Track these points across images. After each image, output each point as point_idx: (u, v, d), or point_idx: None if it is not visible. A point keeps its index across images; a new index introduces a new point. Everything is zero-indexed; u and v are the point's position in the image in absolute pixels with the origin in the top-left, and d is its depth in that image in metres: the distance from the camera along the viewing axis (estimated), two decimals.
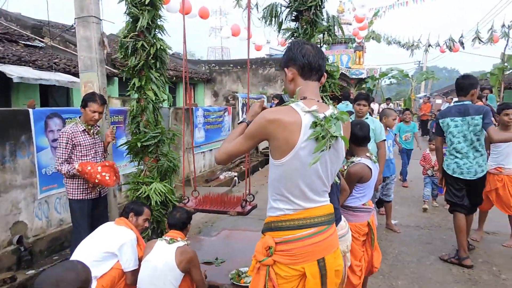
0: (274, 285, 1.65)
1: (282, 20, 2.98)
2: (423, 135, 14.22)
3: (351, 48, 17.94)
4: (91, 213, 3.31)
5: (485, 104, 8.11)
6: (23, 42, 8.51)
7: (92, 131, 3.34)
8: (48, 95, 8.12)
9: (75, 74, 7.68)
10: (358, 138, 2.76)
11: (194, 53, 44.61)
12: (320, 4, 2.92)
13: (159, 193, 3.31)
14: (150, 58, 3.37)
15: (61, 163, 3.17)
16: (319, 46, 3.07)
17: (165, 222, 3.39)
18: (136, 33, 3.33)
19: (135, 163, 3.59)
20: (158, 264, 2.47)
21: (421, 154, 6.21)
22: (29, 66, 6.90)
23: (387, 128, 4.70)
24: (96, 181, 3.15)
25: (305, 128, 1.55)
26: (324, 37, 2.96)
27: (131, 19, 3.35)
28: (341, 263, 1.78)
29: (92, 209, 3.33)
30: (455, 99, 3.92)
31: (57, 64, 7.73)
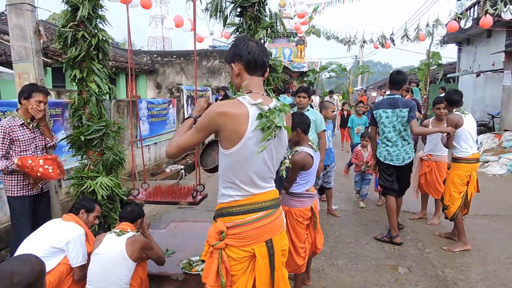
0: (227, 267, 1.77)
1: (227, 15, 3.06)
2: None
3: (293, 42, 18.41)
4: (33, 211, 3.16)
5: (412, 98, 8.90)
6: None
7: (32, 125, 3.17)
8: None
9: (2, 63, 7.06)
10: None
11: (134, 43, 42.79)
12: (263, 1, 3.05)
13: (105, 187, 3.23)
14: (92, 49, 3.25)
15: None
16: (263, 42, 3.23)
17: (113, 217, 3.35)
18: (76, 23, 3.19)
19: (78, 158, 3.47)
20: (109, 256, 2.47)
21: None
22: None
23: (326, 120, 5.01)
24: (39, 175, 3.01)
25: (252, 120, 1.67)
26: (267, 33, 3.09)
27: (70, 8, 3.20)
28: (287, 243, 1.94)
29: (34, 206, 3.17)
30: (388, 92, 4.33)
31: None
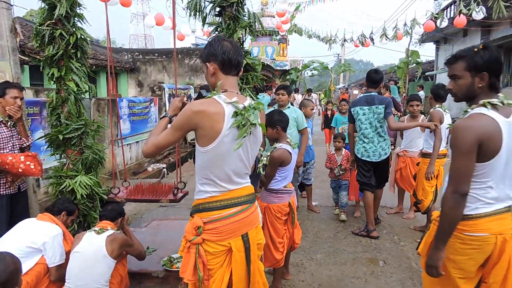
0: (204, 261, 1.81)
1: (206, 15, 3.10)
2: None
3: (275, 40, 18.51)
4: (11, 210, 3.13)
5: (390, 96, 9.14)
6: None
7: (10, 123, 3.14)
8: None
9: None
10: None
11: (115, 41, 42.17)
12: (242, 1, 3.10)
13: (85, 186, 3.22)
14: (70, 48, 3.23)
15: None
16: (243, 40, 3.28)
17: (92, 215, 3.35)
18: (53, 21, 3.16)
19: (56, 157, 3.45)
20: (88, 255, 2.49)
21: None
22: None
23: (306, 117, 5.10)
24: (20, 171, 3.00)
25: (228, 118, 1.72)
26: (246, 32, 3.14)
27: (47, 6, 3.17)
28: (262, 237, 2.01)
29: (12, 206, 3.15)
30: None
31: None
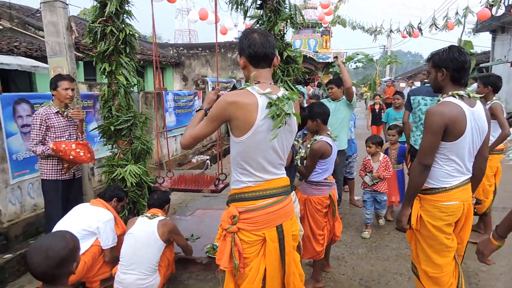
0: (239, 250, 1.87)
1: (248, 8, 3.13)
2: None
3: (318, 33, 18.19)
4: (66, 196, 3.37)
5: None
6: None
7: (66, 113, 3.37)
8: (9, 81, 7.84)
9: (37, 58, 7.42)
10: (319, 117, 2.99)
11: (161, 36, 43.50)
12: None
13: (134, 175, 3.41)
14: (120, 44, 3.41)
15: (36, 144, 3.20)
16: (284, 33, 3.27)
17: (141, 203, 3.55)
18: (104, 18, 3.35)
19: (108, 148, 3.67)
20: (141, 236, 2.66)
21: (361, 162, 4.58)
22: None
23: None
24: (71, 158, 3.20)
25: (262, 108, 1.74)
26: (287, 25, 3.14)
27: (99, 4, 3.36)
28: (297, 228, 2.02)
29: (67, 191, 3.38)
30: (416, 83, 4.25)
31: (18, 48, 7.45)
